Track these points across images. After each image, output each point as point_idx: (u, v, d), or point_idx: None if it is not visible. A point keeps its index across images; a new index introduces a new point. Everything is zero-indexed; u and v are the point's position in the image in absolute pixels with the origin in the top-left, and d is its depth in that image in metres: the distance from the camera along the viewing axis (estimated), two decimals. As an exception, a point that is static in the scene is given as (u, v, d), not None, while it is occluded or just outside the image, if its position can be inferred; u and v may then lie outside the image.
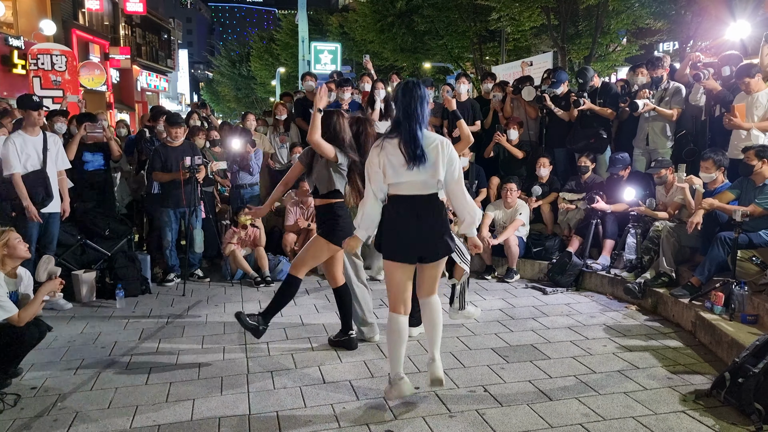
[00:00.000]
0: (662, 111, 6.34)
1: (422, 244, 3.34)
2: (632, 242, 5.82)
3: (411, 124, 3.27)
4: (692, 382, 3.79)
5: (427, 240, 3.34)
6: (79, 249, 6.03)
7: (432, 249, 3.38)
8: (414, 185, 3.29)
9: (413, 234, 3.32)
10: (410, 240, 3.33)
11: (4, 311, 3.72)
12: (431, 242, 3.36)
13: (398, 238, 3.37)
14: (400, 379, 3.44)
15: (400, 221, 3.35)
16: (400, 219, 3.35)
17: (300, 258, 4.29)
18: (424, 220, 3.32)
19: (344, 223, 4.20)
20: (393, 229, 3.40)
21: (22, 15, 18.29)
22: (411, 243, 3.34)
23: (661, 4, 13.75)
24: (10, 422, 3.36)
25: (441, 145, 3.30)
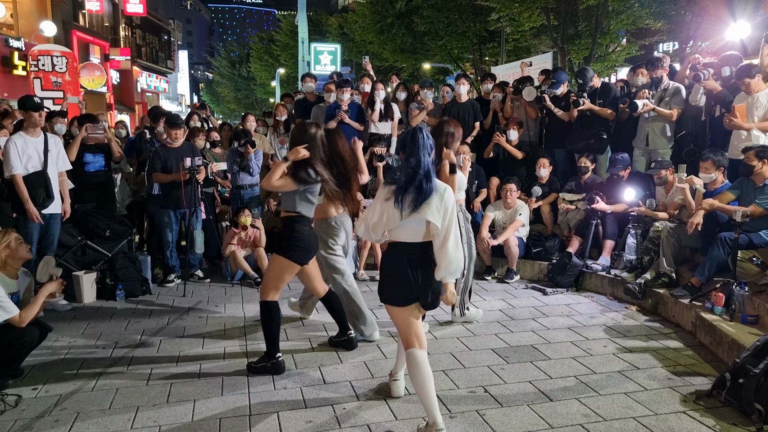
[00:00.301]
0: (662, 111, 6.34)
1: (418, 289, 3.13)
2: (632, 243, 5.83)
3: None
4: (693, 383, 3.80)
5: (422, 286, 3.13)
6: (79, 250, 6.03)
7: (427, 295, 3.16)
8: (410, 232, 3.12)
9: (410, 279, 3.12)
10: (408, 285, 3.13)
11: (6, 312, 3.72)
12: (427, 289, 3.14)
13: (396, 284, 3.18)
14: (439, 430, 3.04)
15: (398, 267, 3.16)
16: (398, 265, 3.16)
17: (264, 283, 4.09)
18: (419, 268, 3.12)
19: (303, 240, 4.00)
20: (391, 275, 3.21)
21: (23, 16, 18.32)
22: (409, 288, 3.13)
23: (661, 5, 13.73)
24: (11, 423, 3.36)
25: (442, 193, 3.10)
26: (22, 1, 18.41)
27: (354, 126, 7.56)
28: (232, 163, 6.98)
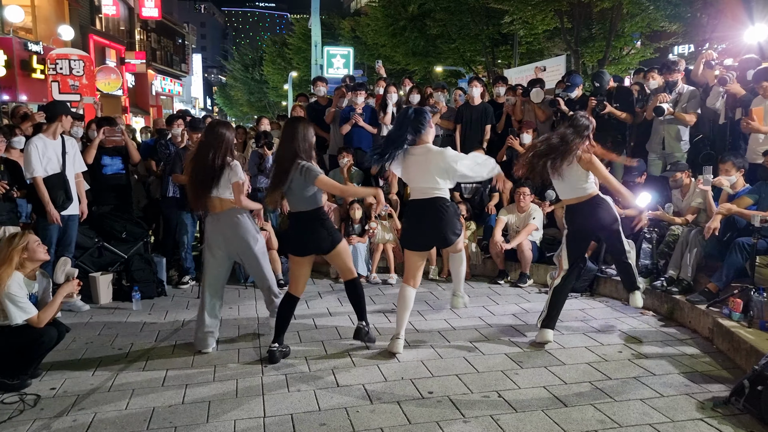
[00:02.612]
0: (680, 116, 6.29)
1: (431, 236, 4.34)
2: (647, 247, 5.77)
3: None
4: (710, 390, 3.76)
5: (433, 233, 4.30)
6: (96, 251, 6.10)
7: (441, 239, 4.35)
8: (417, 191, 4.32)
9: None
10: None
11: (24, 313, 3.78)
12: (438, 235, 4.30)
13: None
14: (397, 338, 4.34)
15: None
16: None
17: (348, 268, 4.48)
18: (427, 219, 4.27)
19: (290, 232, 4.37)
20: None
21: (41, 21, 18.57)
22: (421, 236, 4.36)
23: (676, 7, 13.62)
24: (30, 422, 3.40)
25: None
26: (41, 6, 18.67)
27: (368, 129, 7.59)
28: (254, 165, 7.02)
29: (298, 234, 4.25)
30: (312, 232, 4.20)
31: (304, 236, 4.22)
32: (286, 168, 4.11)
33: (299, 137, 4.14)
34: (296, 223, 4.26)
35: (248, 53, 52.27)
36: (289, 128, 4.23)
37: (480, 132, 7.67)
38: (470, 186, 7.28)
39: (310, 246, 4.26)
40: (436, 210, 4.22)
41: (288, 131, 4.21)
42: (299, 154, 4.12)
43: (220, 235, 4.44)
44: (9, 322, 3.76)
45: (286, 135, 4.22)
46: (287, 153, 4.14)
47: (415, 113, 4.24)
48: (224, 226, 4.42)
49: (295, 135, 4.14)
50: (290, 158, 4.11)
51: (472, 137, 7.65)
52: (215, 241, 4.46)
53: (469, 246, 6.80)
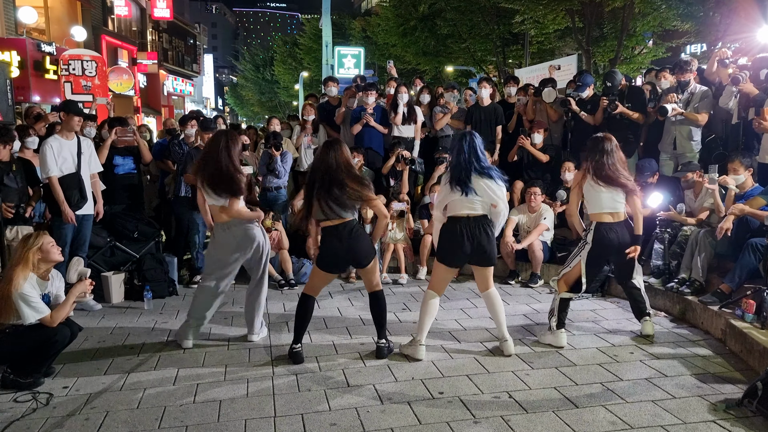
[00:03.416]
0: (691, 116, 6.24)
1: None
2: (659, 248, 5.73)
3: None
4: (722, 392, 3.73)
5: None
6: (108, 251, 6.15)
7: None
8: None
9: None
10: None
11: (38, 312, 3.81)
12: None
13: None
14: (420, 345, 4.30)
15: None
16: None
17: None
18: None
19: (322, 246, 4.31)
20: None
21: (54, 22, 18.74)
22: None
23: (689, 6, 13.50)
24: (43, 420, 3.44)
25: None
26: (54, 7, 18.83)
27: (378, 129, 7.60)
28: (263, 165, 7.05)
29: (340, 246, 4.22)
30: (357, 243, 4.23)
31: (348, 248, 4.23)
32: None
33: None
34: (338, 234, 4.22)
35: (259, 53, 52.45)
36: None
37: (490, 132, 7.66)
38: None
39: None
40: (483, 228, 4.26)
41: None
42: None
43: (234, 241, 4.47)
44: (22, 322, 3.80)
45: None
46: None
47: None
48: (238, 233, 4.45)
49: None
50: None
51: (483, 137, 7.61)
52: (228, 246, 4.48)
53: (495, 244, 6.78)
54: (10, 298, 3.76)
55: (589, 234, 4.53)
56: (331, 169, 4.13)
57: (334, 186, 4.09)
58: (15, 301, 3.76)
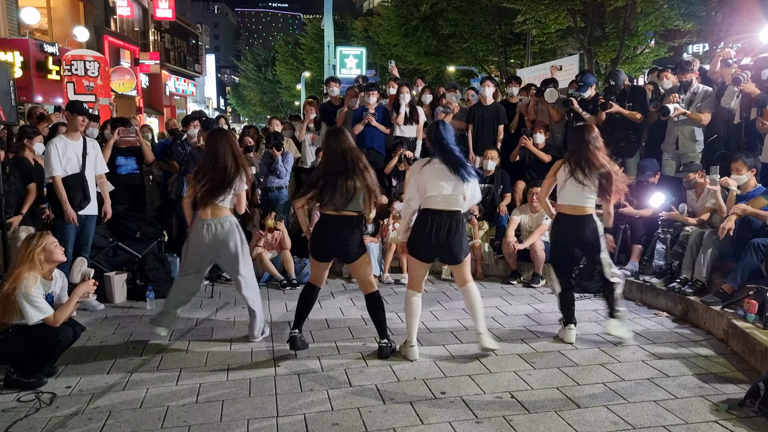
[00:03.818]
0: (693, 116, 6.23)
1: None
2: (661, 248, 5.73)
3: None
4: (725, 392, 3.73)
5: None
6: (111, 251, 6.16)
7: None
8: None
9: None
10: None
11: (41, 312, 3.82)
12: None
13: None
14: (411, 346, 4.30)
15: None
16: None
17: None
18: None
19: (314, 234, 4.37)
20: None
21: (57, 22, 18.77)
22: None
23: (691, 5, 13.49)
24: (46, 420, 3.45)
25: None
26: (56, 8, 18.86)
27: (380, 129, 7.60)
28: (265, 165, 7.07)
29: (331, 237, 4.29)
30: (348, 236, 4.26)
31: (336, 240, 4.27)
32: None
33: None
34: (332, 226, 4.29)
35: (261, 53, 52.49)
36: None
37: (492, 132, 7.66)
38: (482, 186, 7.26)
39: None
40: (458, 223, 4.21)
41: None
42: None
43: (211, 239, 4.49)
44: (26, 322, 3.81)
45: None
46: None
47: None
48: (219, 232, 4.48)
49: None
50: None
51: (485, 137, 7.64)
52: (205, 243, 4.51)
53: (481, 246, 6.80)
54: (13, 298, 3.78)
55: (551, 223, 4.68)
56: (347, 158, 4.20)
57: (351, 177, 4.17)
58: (19, 300, 3.77)
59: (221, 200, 4.44)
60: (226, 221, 4.49)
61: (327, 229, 4.28)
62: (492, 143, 7.51)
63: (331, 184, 4.19)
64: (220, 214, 4.47)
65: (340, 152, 4.23)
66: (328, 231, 4.28)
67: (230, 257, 4.54)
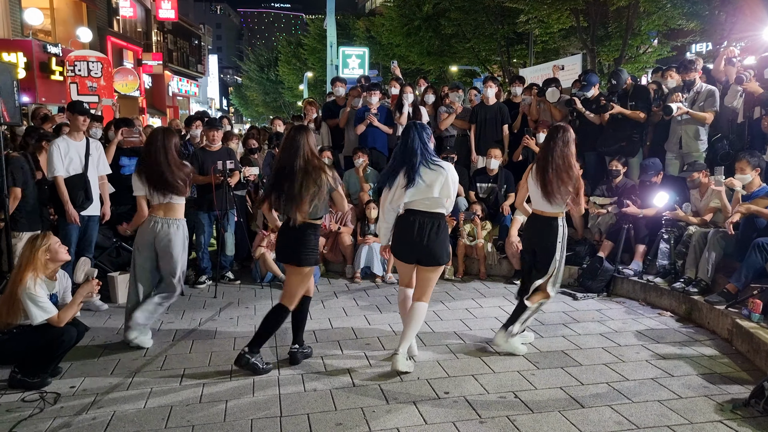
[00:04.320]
0: (696, 115, 6.22)
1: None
2: (665, 247, 5.72)
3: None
4: (729, 392, 3.72)
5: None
6: (114, 251, 6.17)
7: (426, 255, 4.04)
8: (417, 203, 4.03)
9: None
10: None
11: (45, 312, 3.83)
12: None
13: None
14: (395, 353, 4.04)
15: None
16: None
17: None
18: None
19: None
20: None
21: (60, 23, 18.82)
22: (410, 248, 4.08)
23: (694, 5, 13.47)
24: (50, 420, 3.46)
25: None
26: (60, 9, 18.92)
27: (383, 129, 7.60)
28: (267, 166, 7.08)
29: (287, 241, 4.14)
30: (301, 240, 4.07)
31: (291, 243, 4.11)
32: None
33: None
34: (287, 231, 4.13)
35: (264, 54, 52.55)
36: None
37: (495, 132, 7.66)
38: (485, 186, 7.27)
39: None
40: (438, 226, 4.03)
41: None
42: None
43: (151, 237, 4.60)
44: (30, 322, 3.82)
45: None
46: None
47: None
48: (156, 230, 4.58)
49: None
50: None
51: (487, 137, 7.63)
52: (146, 241, 4.62)
53: (484, 246, 6.79)
54: (18, 298, 3.79)
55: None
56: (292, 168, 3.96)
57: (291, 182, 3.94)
58: (23, 301, 3.78)
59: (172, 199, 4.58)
60: (170, 220, 4.64)
61: (284, 230, 4.12)
62: (495, 143, 7.50)
63: (278, 188, 4.00)
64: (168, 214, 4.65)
65: (293, 152, 3.98)
66: (284, 231, 4.12)
67: (166, 257, 4.64)
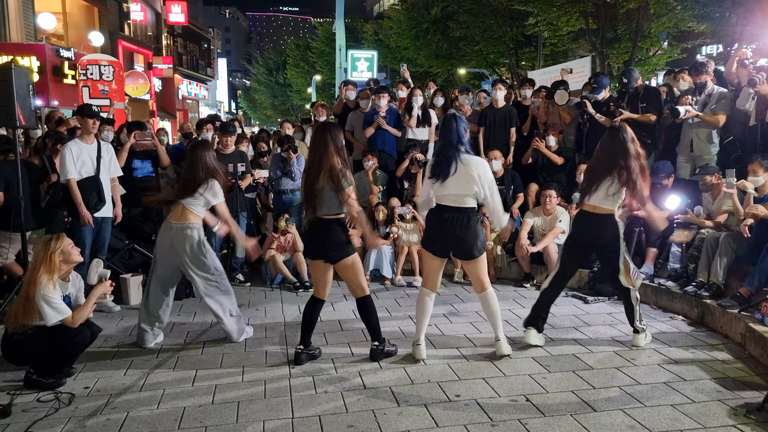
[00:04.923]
0: (706, 117, 6.19)
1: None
2: (677, 251, 5.69)
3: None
4: (742, 396, 3.69)
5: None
6: (127, 253, 6.23)
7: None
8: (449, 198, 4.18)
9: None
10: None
11: (60, 313, 3.87)
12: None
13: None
14: (417, 345, 4.32)
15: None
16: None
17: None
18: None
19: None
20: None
21: (72, 27, 19.01)
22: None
23: (705, 7, 13.39)
24: (65, 420, 3.49)
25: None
26: (72, 13, 19.11)
27: (392, 132, 7.62)
28: (276, 168, 7.12)
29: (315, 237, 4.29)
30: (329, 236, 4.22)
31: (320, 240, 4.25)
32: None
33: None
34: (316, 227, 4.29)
35: (272, 57, 52.73)
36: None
37: (504, 134, 7.65)
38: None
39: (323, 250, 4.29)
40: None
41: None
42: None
43: (169, 241, 4.55)
44: (45, 323, 3.86)
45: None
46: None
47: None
48: (175, 234, 4.53)
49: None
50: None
51: (496, 139, 7.64)
52: (164, 245, 4.58)
53: (494, 249, 6.78)
54: (33, 300, 3.84)
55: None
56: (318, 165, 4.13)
57: (317, 182, 4.11)
58: (38, 302, 3.82)
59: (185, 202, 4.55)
60: (188, 223, 4.59)
61: (312, 227, 4.29)
62: (504, 146, 7.50)
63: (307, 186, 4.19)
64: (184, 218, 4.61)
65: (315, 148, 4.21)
66: (312, 229, 4.29)
67: (185, 261, 4.61)
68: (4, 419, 3.48)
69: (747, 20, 12.18)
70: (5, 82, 5.13)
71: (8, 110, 5.13)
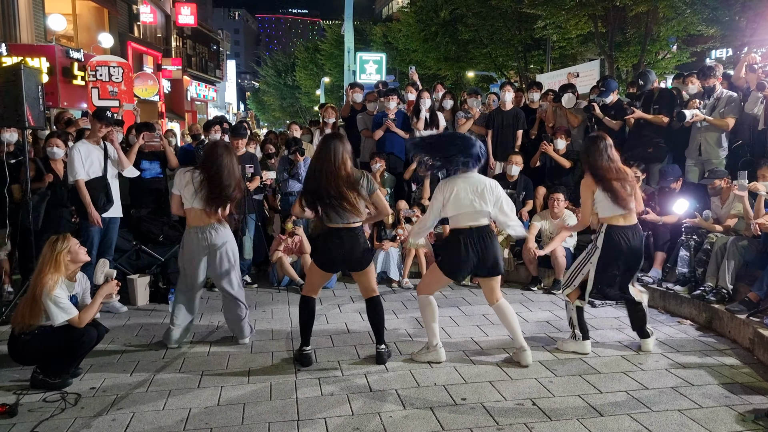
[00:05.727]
0: (714, 121, 6.15)
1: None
2: (685, 255, 5.65)
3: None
4: (750, 402, 3.66)
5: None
6: (134, 254, 6.25)
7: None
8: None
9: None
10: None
11: (66, 313, 3.89)
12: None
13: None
14: (438, 348, 4.34)
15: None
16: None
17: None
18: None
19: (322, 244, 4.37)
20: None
21: (82, 29, 19.15)
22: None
23: (714, 10, 13.32)
24: (71, 420, 3.50)
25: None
26: (82, 14, 19.25)
27: (400, 134, 7.61)
28: (283, 170, 7.13)
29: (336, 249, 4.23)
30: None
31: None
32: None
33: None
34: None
35: (281, 59, 52.92)
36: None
37: (512, 137, 7.64)
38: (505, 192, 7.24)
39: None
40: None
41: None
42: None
43: (200, 245, 4.53)
44: (51, 323, 3.88)
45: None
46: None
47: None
48: (207, 238, 4.50)
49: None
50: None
51: (504, 142, 7.62)
52: (195, 250, 4.54)
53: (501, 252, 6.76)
54: (39, 300, 3.85)
55: (599, 238, 4.45)
56: (329, 175, 4.05)
57: (331, 196, 4.05)
58: (44, 302, 3.84)
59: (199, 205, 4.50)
60: (217, 227, 4.60)
61: (333, 240, 4.19)
62: (512, 149, 7.48)
63: (320, 204, 4.13)
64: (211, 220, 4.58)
65: (324, 170, 4.08)
66: (334, 242, 4.19)
67: (218, 264, 4.62)
68: (11, 419, 3.50)
69: (757, 24, 12.11)
70: (14, 83, 5.17)
71: (17, 111, 5.17)
